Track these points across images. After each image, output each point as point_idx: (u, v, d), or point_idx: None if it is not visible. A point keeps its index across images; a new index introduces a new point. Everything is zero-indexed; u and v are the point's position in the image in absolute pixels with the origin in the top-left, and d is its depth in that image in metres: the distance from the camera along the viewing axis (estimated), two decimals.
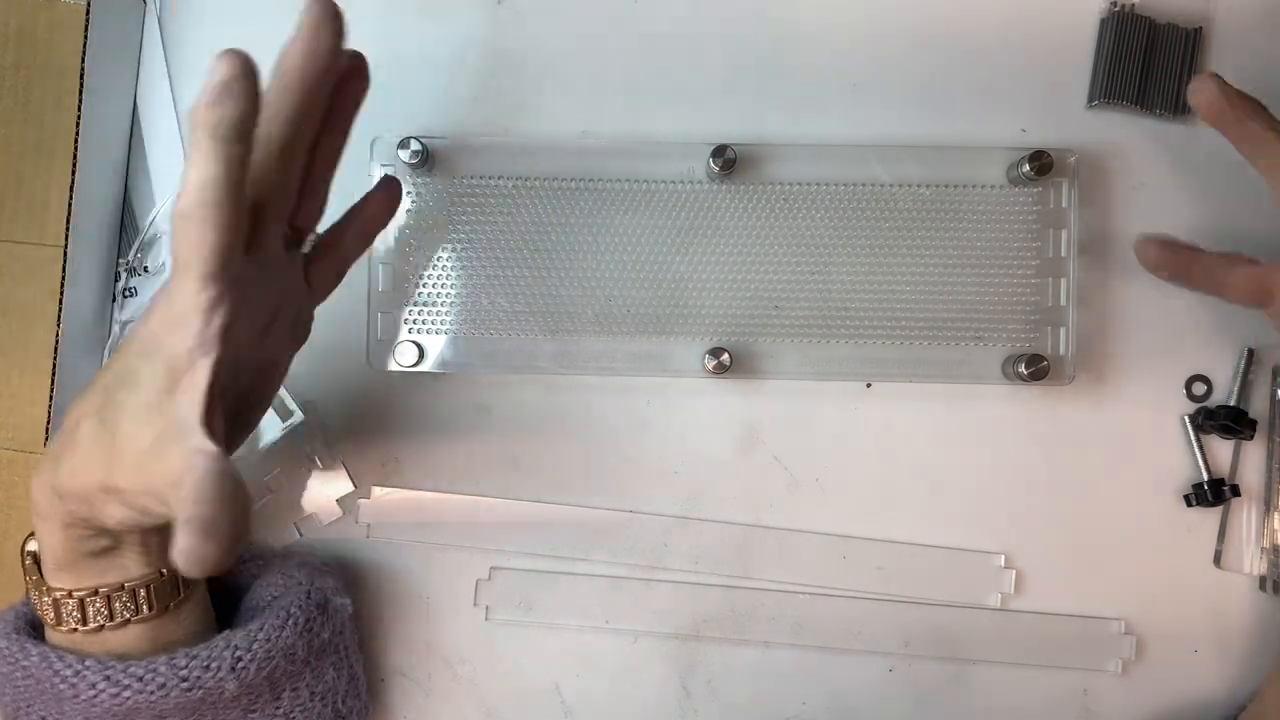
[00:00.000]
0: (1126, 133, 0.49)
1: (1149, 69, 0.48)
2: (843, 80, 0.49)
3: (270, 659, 0.38)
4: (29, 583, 0.36)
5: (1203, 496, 0.47)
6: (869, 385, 0.48)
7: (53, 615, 0.35)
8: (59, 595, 0.35)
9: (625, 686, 0.48)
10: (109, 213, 0.48)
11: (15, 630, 0.36)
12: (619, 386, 0.49)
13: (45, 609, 0.36)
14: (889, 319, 0.47)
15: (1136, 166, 0.49)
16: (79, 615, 0.35)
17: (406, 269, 0.47)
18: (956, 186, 0.47)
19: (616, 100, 0.49)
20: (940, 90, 0.49)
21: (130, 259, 0.49)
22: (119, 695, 0.34)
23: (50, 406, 0.44)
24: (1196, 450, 0.48)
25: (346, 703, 0.43)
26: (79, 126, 0.44)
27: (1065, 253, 0.47)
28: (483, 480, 0.48)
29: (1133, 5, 0.48)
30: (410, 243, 0.47)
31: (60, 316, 0.44)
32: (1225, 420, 0.46)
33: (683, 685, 0.48)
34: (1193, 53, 0.48)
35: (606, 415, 0.49)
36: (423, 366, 0.47)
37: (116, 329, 0.49)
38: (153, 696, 0.35)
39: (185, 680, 0.35)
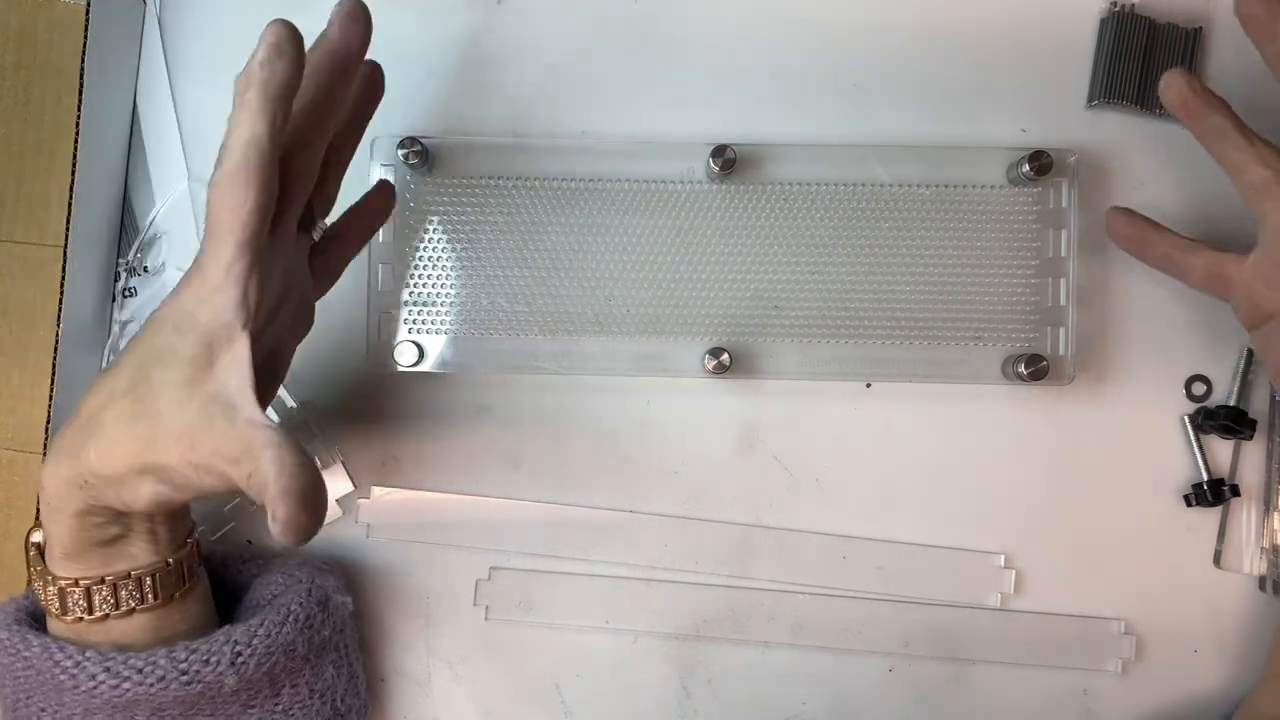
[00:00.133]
0: (1126, 133, 0.49)
1: (1149, 69, 0.48)
2: (843, 80, 0.49)
3: (270, 655, 0.38)
4: (33, 573, 0.37)
5: (1202, 496, 0.47)
6: (869, 385, 0.48)
7: (58, 604, 0.36)
8: (65, 584, 0.35)
9: (625, 686, 0.48)
10: (109, 213, 0.48)
11: (15, 621, 0.37)
12: (619, 386, 0.49)
13: (50, 598, 0.36)
14: (889, 319, 0.47)
15: (1136, 166, 0.49)
16: (85, 604, 0.35)
17: (406, 269, 0.47)
18: (956, 186, 0.47)
19: (616, 100, 0.49)
20: (940, 90, 0.49)
21: (130, 259, 0.49)
22: (119, 687, 0.34)
23: (50, 406, 0.44)
24: (1196, 450, 0.48)
25: (346, 701, 0.43)
26: (79, 126, 0.44)
27: (1065, 253, 0.47)
28: (483, 480, 0.48)
29: (1133, 5, 0.48)
30: (410, 243, 0.47)
31: (60, 316, 0.44)
32: (1225, 420, 0.46)
33: (683, 685, 0.48)
34: (1193, 53, 0.48)
35: (606, 415, 0.49)
36: (423, 366, 0.47)
37: (116, 329, 0.49)
38: (152, 689, 0.35)
39: (184, 674, 0.35)
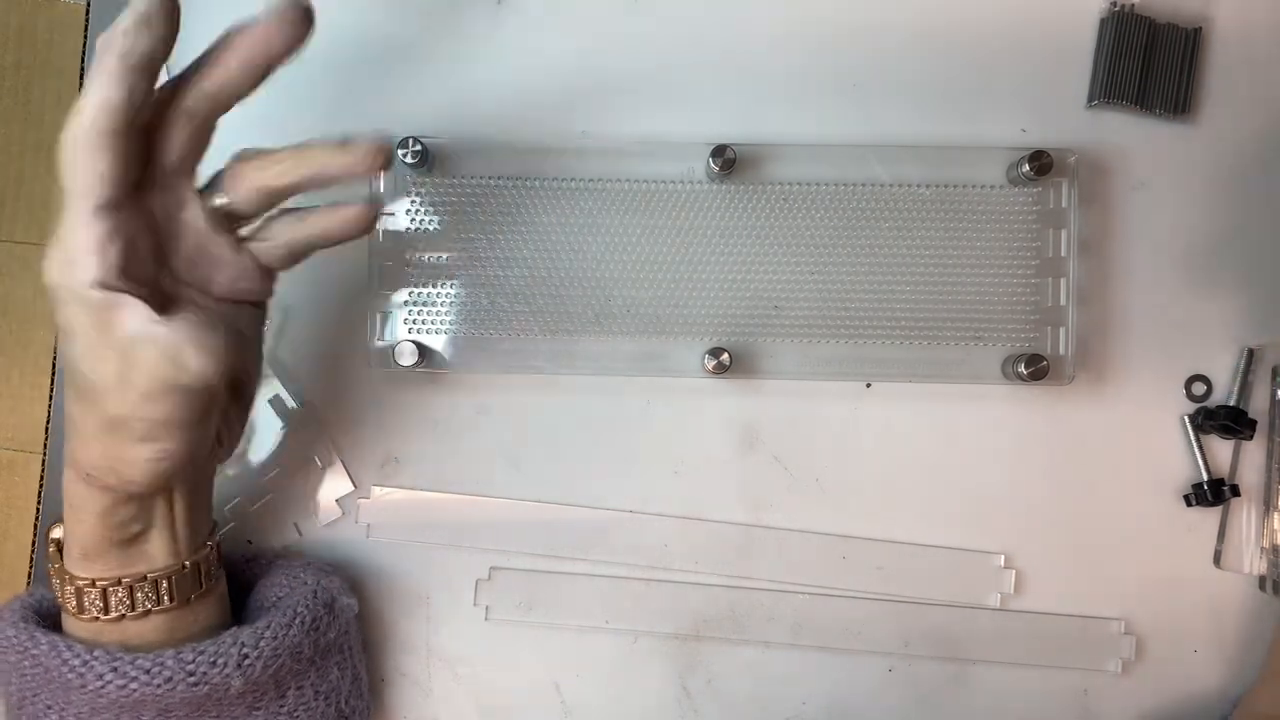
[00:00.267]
0: (1126, 133, 0.49)
1: (1149, 69, 0.48)
2: (843, 80, 0.49)
3: (276, 657, 0.38)
4: (52, 570, 0.37)
5: (1202, 496, 0.47)
6: (869, 385, 0.48)
7: (75, 603, 0.36)
8: (82, 584, 0.35)
9: (625, 686, 0.48)
10: None
11: (23, 619, 0.37)
12: (619, 386, 0.48)
13: (67, 597, 0.36)
14: (889, 319, 0.47)
15: (1136, 166, 0.49)
16: (101, 604, 0.35)
17: (406, 269, 0.47)
18: (956, 186, 0.47)
19: (616, 100, 0.49)
20: (940, 90, 0.49)
21: None
22: (126, 687, 0.34)
23: (50, 406, 0.44)
24: (1196, 450, 0.48)
25: (350, 702, 0.43)
26: None
27: (1065, 253, 0.47)
28: (483, 480, 0.48)
29: (1133, 5, 0.48)
30: (410, 243, 0.47)
31: None
32: (1225, 420, 0.46)
33: (683, 685, 0.48)
34: (1193, 53, 0.48)
35: (606, 415, 0.48)
36: (423, 366, 0.47)
37: None
38: (159, 690, 0.35)
39: (191, 675, 0.35)
